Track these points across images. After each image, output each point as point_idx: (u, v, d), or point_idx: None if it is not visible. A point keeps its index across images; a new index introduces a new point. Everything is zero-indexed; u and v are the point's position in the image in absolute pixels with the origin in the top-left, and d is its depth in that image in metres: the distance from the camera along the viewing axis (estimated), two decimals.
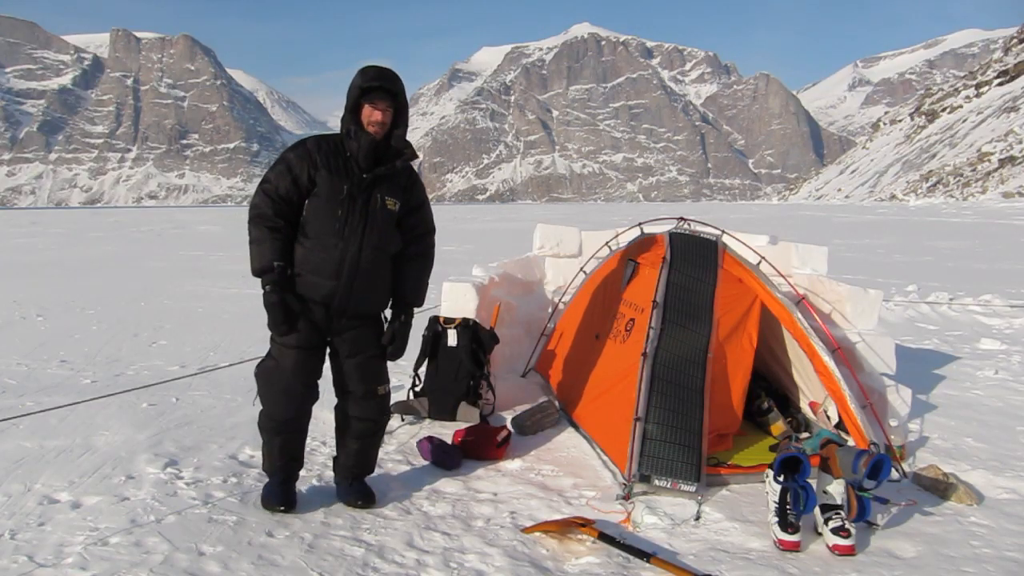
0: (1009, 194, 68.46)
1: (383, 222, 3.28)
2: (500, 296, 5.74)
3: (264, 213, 3.18)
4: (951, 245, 21.43)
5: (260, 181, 3.28)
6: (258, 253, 3.17)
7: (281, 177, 3.19)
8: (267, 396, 3.33)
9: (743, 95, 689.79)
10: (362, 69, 3.23)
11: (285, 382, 3.29)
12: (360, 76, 3.20)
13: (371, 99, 3.19)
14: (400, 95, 3.24)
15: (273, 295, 3.15)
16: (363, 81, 3.17)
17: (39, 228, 38.25)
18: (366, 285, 3.27)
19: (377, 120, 3.20)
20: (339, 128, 3.30)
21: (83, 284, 12.71)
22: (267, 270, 3.15)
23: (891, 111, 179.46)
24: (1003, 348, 7.26)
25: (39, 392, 5.46)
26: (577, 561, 2.96)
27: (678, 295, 3.92)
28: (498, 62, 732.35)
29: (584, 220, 39.83)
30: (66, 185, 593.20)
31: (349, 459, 3.49)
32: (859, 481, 3.22)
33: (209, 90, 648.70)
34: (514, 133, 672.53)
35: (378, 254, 3.28)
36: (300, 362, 3.28)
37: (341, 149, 3.26)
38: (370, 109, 3.19)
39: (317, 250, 3.19)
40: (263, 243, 3.16)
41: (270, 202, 3.19)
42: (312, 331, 3.27)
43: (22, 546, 3.02)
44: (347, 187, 3.19)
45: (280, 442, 3.37)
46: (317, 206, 3.20)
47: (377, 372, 3.43)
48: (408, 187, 3.40)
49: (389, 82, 3.19)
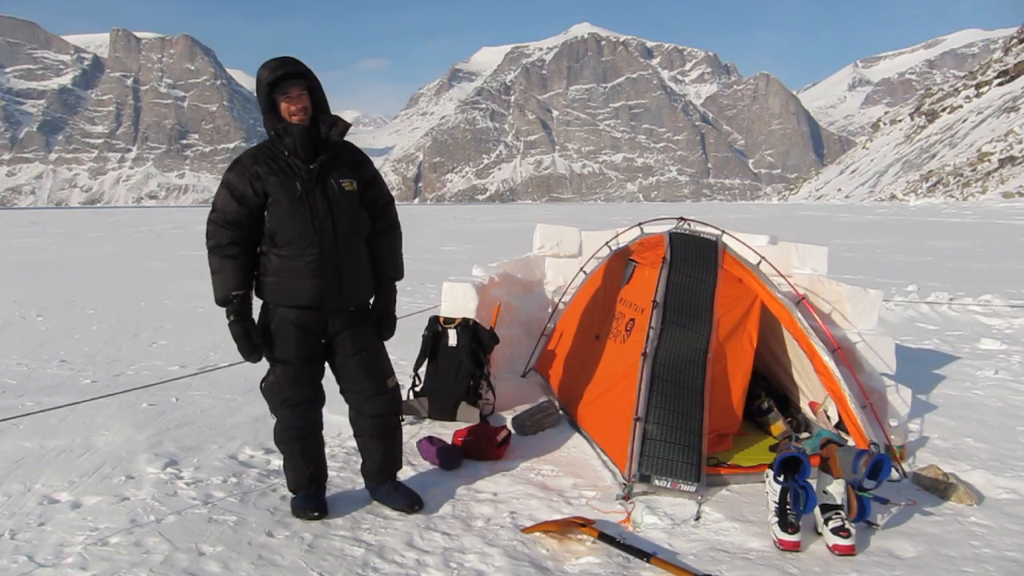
0: (1009, 194, 68.45)
1: (348, 206, 3.23)
2: (500, 296, 5.73)
3: (219, 243, 3.15)
4: (951, 245, 21.43)
5: (209, 211, 3.22)
6: (219, 284, 3.16)
7: (227, 202, 3.14)
8: (280, 409, 3.32)
9: (743, 95, 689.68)
10: (263, 65, 3.15)
11: (289, 394, 3.27)
12: (264, 71, 3.12)
13: (283, 90, 3.11)
14: (309, 75, 3.17)
15: (236, 325, 3.14)
16: (269, 75, 3.09)
17: (39, 228, 38.24)
18: (352, 275, 3.25)
19: (297, 108, 3.13)
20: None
21: (83, 284, 12.71)
22: (227, 300, 3.14)
23: (891, 111, 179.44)
24: (1003, 348, 7.26)
25: (39, 392, 5.46)
26: (577, 561, 2.96)
27: (678, 295, 3.92)
28: (498, 62, 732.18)
29: (584, 220, 39.83)
30: (66, 185, 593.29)
31: (377, 460, 3.47)
32: (859, 481, 3.22)
33: (209, 90, 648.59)
34: (514, 133, 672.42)
35: (354, 240, 3.26)
36: (302, 373, 3.27)
37: (277, 151, 3.19)
38: (286, 102, 3.13)
39: (294, 255, 3.15)
40: (221, 273, 3.15)
41: (220, 231, 3.15)
42: (306, 342, 3.24)
43: (22, 546, 3.02)
44: (299, 184, 3.14)
45: (300, 449, 3.35)
46: (279, 212, 3.13)
47: (382, 365, 3.42)
48: (357, 164, 3.34)
49: (294, 67, 3.13)
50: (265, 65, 3.14)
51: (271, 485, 3.70)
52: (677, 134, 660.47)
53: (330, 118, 3.22)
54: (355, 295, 3.30)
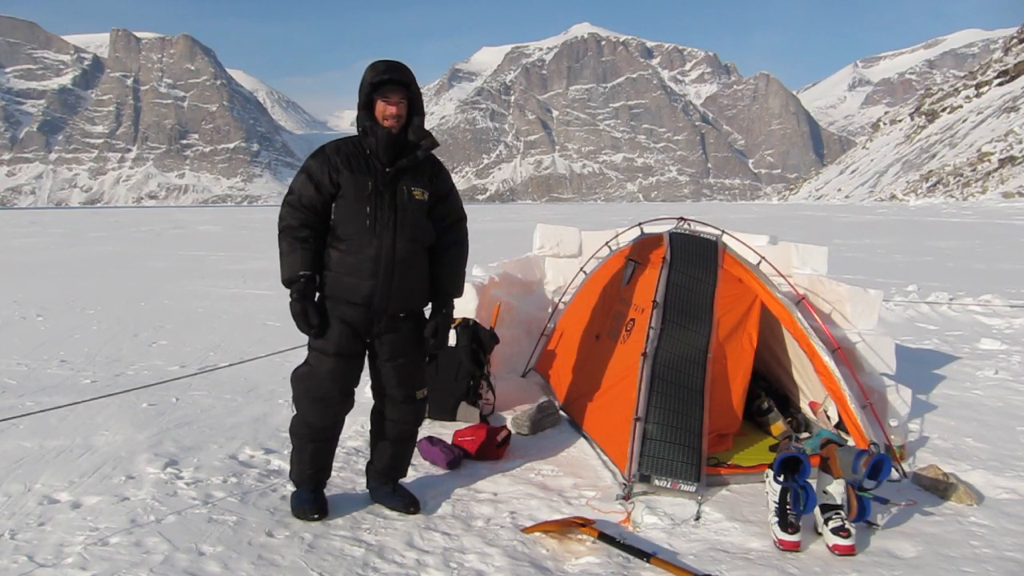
0: (1009, 194, 68.49)
1: (414, 214, 3.25)
2: (500, 296, 5.74)
3: (290, 225, 3.21)
4: (951, 245, 21.43)
5: (287, 192, 3.29)
6: (287, 264, 3.20)
7: (304, 186, 3.20)
8: (303, 402, 3.30)
9: (743, 95, 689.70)
10: (371, 65, 3.21)
11: (323, 389, 3.26)
12: (370, 72, 3.18)
13: (383, 93, 3.17)
14: (412, 85, 3.22)
15: (296, 304, 3.17)
16: (374, 76, 3.15)
17: (39, 228, 38.24)
18: (404, 281, 3.25)
19: (392, 114, 3.17)
20: (352, 129, 3.31)
21: (83, 284, 12.70)
22: (294, 280, 3.17)
23: (891, 111, 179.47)
24: (1003, 348, 7.26)
25: (39, 392, 5.46)
26: (577, 561, 2.96)
27: (678, 295, 3.92)
28: (498, 62, 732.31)
29: (584, 220, 39.83)
30: (66, 185, 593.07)
31: (385, 462, 3.47)
32: (859, 481, 3.22)
33: (209, 90, 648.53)
34: (514, 133, 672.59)
35: (413, 247, 3.26)
36: (337, 369, 3.25)
37: (360, 148, 3.25)
38: (383, 104, 3.17)
39: (352, 251, 3.17)
40: (290, 254, 3.19)
41: (295, 213, 3.20)
42: (350, 338, 3.24)
43: (22, 546, 3.02)
44: (371, 183, 3.18)
45: (312, 450, 3.34)
46: (344, 207, 3.18)
47: (416, 376, 3.41)
48: (433, 176, 3.37)
49: (400, 74, 3.17)
50: (374, 65, 3.20)
51: (271, 485, 3.70)
52: (677, 134, 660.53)
53: (421, 132, 3.27)
54: (405, 301, 3.30)
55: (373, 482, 3.54)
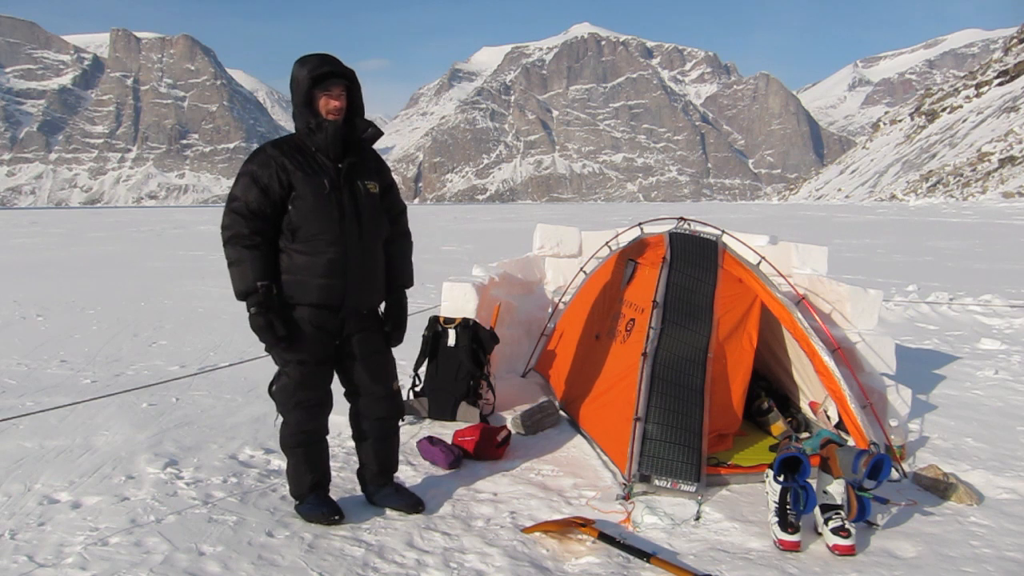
0: (1009, 194, 68.48)
1: (372, 208, 3.22)
2: (500, 296, 5.74)
3: (239, 233, 3.05)
4: (951, 245, 21.43)
5: (227, 200, 3.12)
6: (239, 275, 3.05)
7: (248, 191, 3.05)
8: (293, 412, 3.26)
9: (743, 95, 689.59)
10: (302, 60, 3.11)
11: (302, 396, 3.23)
12: (304, 67, 3.07)
13: (325, 87, 3.07)
14: (351, 75, 3.15)
15: (260, 317, 3.03)
16: (311, 70, 3.06)
17: (39, 228, 38.24)
18: (372, 277, 3.24)
19: (336, 107, 3.10)
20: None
21: (83, 284, 12.71)
22: (251, 291, 3.03)
23: (891, 111, 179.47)
24: (1003, 348, 7.26)
25: (39, 392, 5.46)
26: (577, 561, 2.96)
27: (678, 295, 3.92)
28: (498, 62, 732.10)
29: (584, 220, 39.83)
30: (66, 185, 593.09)
31: (377, 463, 3.45)
32: (859, 481, 3.22)
33: (209, 90, 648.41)
34: (514, 133, 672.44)
35: (376, 243, 3.25)
36: (318, 374, 3.23)
37: (304, 146, 3.14)
38: (327, 98, 3.08)
39: (318, 252, 3.09)
40: (242, 263, 3.04)
41: (243, 220, 3.05)
42: (320, 343, 3.19)
43: (22, 546, 3.02)
44: (327, 182, 3.11)
45: (303, 454, 3.30)
46: (305, 209, 3.07)
47: (389, 368, 3.42)
48: (379, 169, 3.35)
49: (338, 65, 3.11)
50: (306, 60, 3.10)
51: (271, 485, 3.70)
52: (677, 134, 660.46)
53: (365, 122, 3.22)
54: (372, 297, 3.30)
55: (371, 486, 3.49)
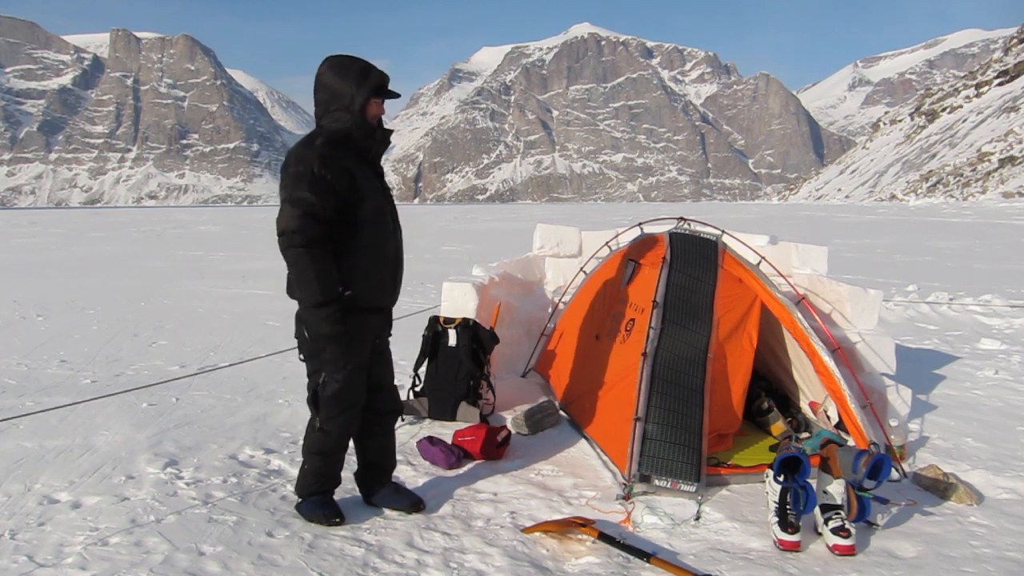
0: (1009, 194, 68.48)
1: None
2: (500, 296, 5.73)
3: (314, 238, 2.90)
4: (951, 245, 21.43)
5: (293, 201, 2.92)
6: (320, 281, 2.91)
7: (322, 195, 2.92)
8: (340, 418, 3.17)
9: (743, 95, 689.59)
10: (369, 65, 3.11)
11: (355, 398, 3.20)
12: (374, 72, 3.09)
13: (381, 95, 3.15)
14: None
15: (339, 324, 2.95)
16: (379, 79, 3.09)
17: (39, 228, 38.25)
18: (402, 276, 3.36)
19: (380, 114, 3.19)
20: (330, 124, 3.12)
21: (83, 284, 12.71)
22: (334, 298, 2.94)
23: (891, 111, 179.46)
24: (1003, 348, 7.26)
25: (39, 392, 5.46)
26: (577, 561, 2.96)
27: (678, 295, 3.92)
28: (498, 62, 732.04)
29: (584, 220, 39.84)
30: (66, 185, 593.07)
31: (381, 459, 3.46)
32: (859, 481, 3.22)
33: (209, 90, 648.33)
34: (514, 133, 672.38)
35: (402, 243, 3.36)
36: (360, 379, 3.20)
37: (349, 144, 3.09)
38: (379, 105, 3.16)
39: (377, 255, 3.12)
40: (322, 268, 2.92)
41: (315, 225, 2.91)
42: (368, 344, 3.21)
43: (22, 546, 3.02)
44: (380, 183, 3.20)
45: (333, 460, 3.30)
46: (368, 209, 3.06)
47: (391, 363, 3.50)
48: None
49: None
50: (369, 66, 3.09)
51: (271, 485, 3.70)
52: (677, 134, 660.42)
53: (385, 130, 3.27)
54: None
55: (372, 487, 3.47)
